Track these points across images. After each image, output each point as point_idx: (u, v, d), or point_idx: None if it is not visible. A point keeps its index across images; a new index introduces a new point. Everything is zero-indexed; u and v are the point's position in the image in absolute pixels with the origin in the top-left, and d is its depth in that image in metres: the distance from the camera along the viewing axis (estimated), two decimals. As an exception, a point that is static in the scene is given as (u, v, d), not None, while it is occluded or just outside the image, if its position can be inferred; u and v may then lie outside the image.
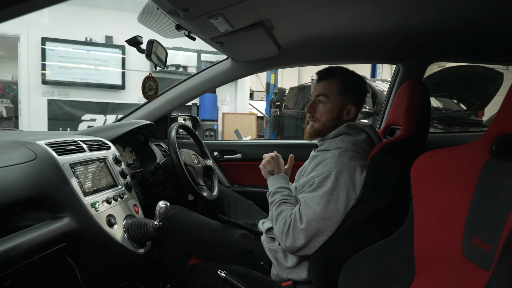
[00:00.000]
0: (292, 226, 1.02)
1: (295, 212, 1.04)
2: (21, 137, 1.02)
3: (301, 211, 1.03)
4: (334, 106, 1.16)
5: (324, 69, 1.20)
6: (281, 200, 1.11)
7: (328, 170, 1.04)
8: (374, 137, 1.14)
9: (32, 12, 0.46)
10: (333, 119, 1.17)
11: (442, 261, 0.72)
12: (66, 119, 5.47)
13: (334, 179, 1.02)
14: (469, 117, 4.26)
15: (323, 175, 1.04)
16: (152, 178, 1.42)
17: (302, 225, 1.01)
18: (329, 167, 1.04)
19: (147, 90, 1.44)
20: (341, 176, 1.02)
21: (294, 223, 1.02)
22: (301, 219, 1.02)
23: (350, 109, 1.17)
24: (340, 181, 1.02)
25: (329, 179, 1.03)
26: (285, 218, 1.05)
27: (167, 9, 0.92)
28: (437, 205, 0.75)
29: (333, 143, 1.13)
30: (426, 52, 1.54)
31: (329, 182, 1.02)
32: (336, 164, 1.04)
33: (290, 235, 1.02)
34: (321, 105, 1.17)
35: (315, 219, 1.00)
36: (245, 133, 6.73)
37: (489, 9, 1.00)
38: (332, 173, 1.03)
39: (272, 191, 1.15)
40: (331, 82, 1.16)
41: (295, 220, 1.02)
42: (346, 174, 1.03)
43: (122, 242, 1.00)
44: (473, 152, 0.72)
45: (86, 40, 5.52)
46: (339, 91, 1.15)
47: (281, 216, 1.07)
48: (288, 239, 1.02)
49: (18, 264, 0.75)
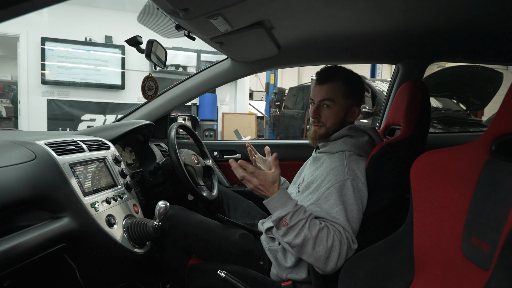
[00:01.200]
0: (347, 248, 0.94)
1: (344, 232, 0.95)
2: (20, 137, 1.02)
3: (348, 231, 0.96)
4: (340, 109, 1.13)
5: (325, 70, 1.16)
6: (309, 218, 0.95)
7: (342, 179, 1.01)
8: (376, 139, 1.14)
9: (31, 12, 0.46)
10: (339, 122, 1.14)
11: (441, 261, 0.72)
12: (65, 119, 5.47)
13: (352, 187, 1.00)
14: (469, 117, 4.26)
15: (339, 184, 1.00)
16: (151, 178, 1.42)
17: (355, 245, 0.96)
18: (342, 176, 1.01)
19: (146, 90, 1.44)
20: (357, 182, 1.02)
21: (348, 243, 0.95)
22: (353, 239, 0.97)
23: (354, 111, 1.16)
24: (358, 187, 1.01)
25: (347, 189, 1.00)
26: (332, 238, 0.93)
27: (166, 9, 0.92)
28: (437, 205, 0.75)
29: (336, 145, 1.12)
30: (426, 52, 1.54)
31: (349, 191, 0.99)
32: (348, 171, 1.02)
33: (343, 257, 0.93)
34: (327, 110, 1.13)
35: (355, 232, 0.99)
36: (244, 133, 6.73)
37: (489, 9, 1.00)
38: (347, 181, 1.00)
39: (291, 212, 0.93)
40: (336, 85, 1.12)
41: (348, 240, 0.95)
42: (359, 178, 1.02)
43: (122, 242, 1.00)
44: (472, 152, 0.72)
45: (85, 40, 5.52)
46: (345, 94, 1.12)
47: (320, 235, 0.92)
48: (341, 260, 0.93)
49: (17, 264, 0.75)
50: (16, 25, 5.11)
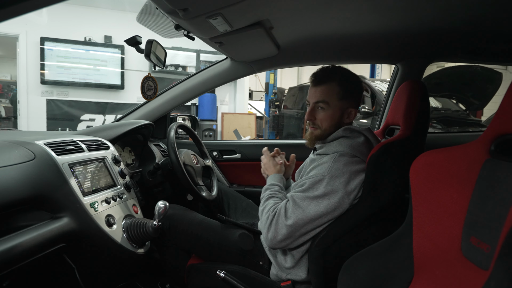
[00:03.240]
0: (276, 219, 1.03)
1: (281, 207, 1.05)
2: (20, 137, 1.02)
3: (287, 207, 1.03)
4: (335, 111, 1.13)
5: (319, 72, 1.15)
6: (269, 195, 1.14)
7: (321, 174, 1.03)
8: (372, 139, 1.13)
9: (31, 11, 0.45)
10: (335, 124, 1.14)
11: (441, 261, 0.72)
12: (65, 119, 5.46)
13: (327, 184, 1.01)
14: (468, 117, 4.27)
15: (316, 178, 1.03)
16: (151, 178, 1.42)
17: (288, 221, 1.01)
18: (323, 171, 1.03)
19: (146, 90, 1.44)
20: (334, 182, 1.01)
21: (278, 217, 1.03)
22: (287, 216, 1.02)
23: (350, 112, 1.15)
24: (333, 187, 1.01)
25: (321, 183, 1.02)
26: (268, 212, 1.07)
27: (166, 9, 0.92)
28: (436, 205, 0.75)
29: (331, 146, 1.12)
30: (425, 52, 1.54)
31: (321, 186, 1.01)
32: (330, 169, 1.03)
33: (272, 228, 1.03)
34: (321, 112, 1.13)
35: (302, 219, 1.01)
36: (244, 133, 6.73)
37: (488, 9, 1.00)
38: (325, 178, 1.02)
39: (264, 188, 1.19)
40: (330, 87, 1.11)
41: (279, 215, 1.03)
42: (340, 179, 1.01)
43: (121, 242, 1.00)
44: (472, 152, 0.72)
45: (85, 40, 5.51)
46: (339, 96, 1.11)
47: (265, 209, 1.09)
48: (270, 232, 1.04)
49: (16, 264, 0.75)
50: (15, 25, 5.10)
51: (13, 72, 6.97)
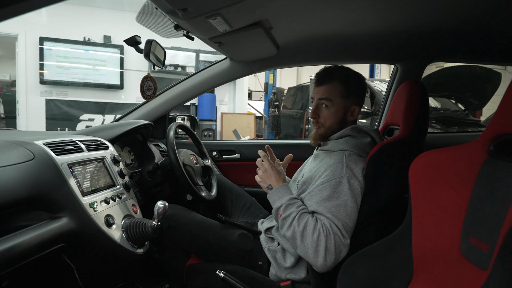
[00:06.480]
0: (334, 242, 0.94)
1: (330, 225, 0.96)
2: (19, 137, 1.02)
3: (337, 225, 0.96)
4: (339, 109, 1.13)
5: (322, 71, 1.16)
6: (300, 211, 1.00)
7: (339, 176, 1.02)
8: (378, 140, 1.13)
9: (30, 11, 0.45)
10: (338, 122, 1.15)
11: (440, 261, 0.72)
12: (64, 119, 5.45)
13: (349, 185, 1.01)
14: (467, 117, 4.28)
15: (335, 180, 1.01)
16: (150, 178, 1.41)
17: (346, 240, 0.96)
18: (339, 173, 1.02)
19: (145, 90, 1.44)
20: (354, 180, 1.02)
21: (335, 237, 0.95)
22: (342, 233, 0.96)
23: (354, 110, 1.16)
24: (354, 186, 1.01)
25: (342, 186, 1.00)
26: (314, 234, 0.95)
27: (165, 9, 0.92)
28: (435, 205, 0.75)
29: (337, 144, 1.12)
30: (425, 52, 1.54)
31: (345, 188, 1.00)
32: (345, 170, 1.02)
33: (332, 251, 0.94)
34: (325, 110, 1.14)
35: (348, 230, 0.98)
36: (243, 133, 6.72)
37: (487, 10, 1.01)
38: (344, 178, 1.01)
39: (285, 205, 1.02)
40: (333, 86, 1.13)
41: (335, 234, 0.95)
42: (355, 177, 1.03)
43: (121, 242, 1.00)
44: (471, 152, 0.72)
45: (84, 40, 5.50)
46: (342, 94, 1.12)
47: (308, 229, 0.96)
48: (330, 255, 0.93)
49: (16, 264, 0.75)
50: (14, 25, 5.08)
51: (12, 72, 6.94)
